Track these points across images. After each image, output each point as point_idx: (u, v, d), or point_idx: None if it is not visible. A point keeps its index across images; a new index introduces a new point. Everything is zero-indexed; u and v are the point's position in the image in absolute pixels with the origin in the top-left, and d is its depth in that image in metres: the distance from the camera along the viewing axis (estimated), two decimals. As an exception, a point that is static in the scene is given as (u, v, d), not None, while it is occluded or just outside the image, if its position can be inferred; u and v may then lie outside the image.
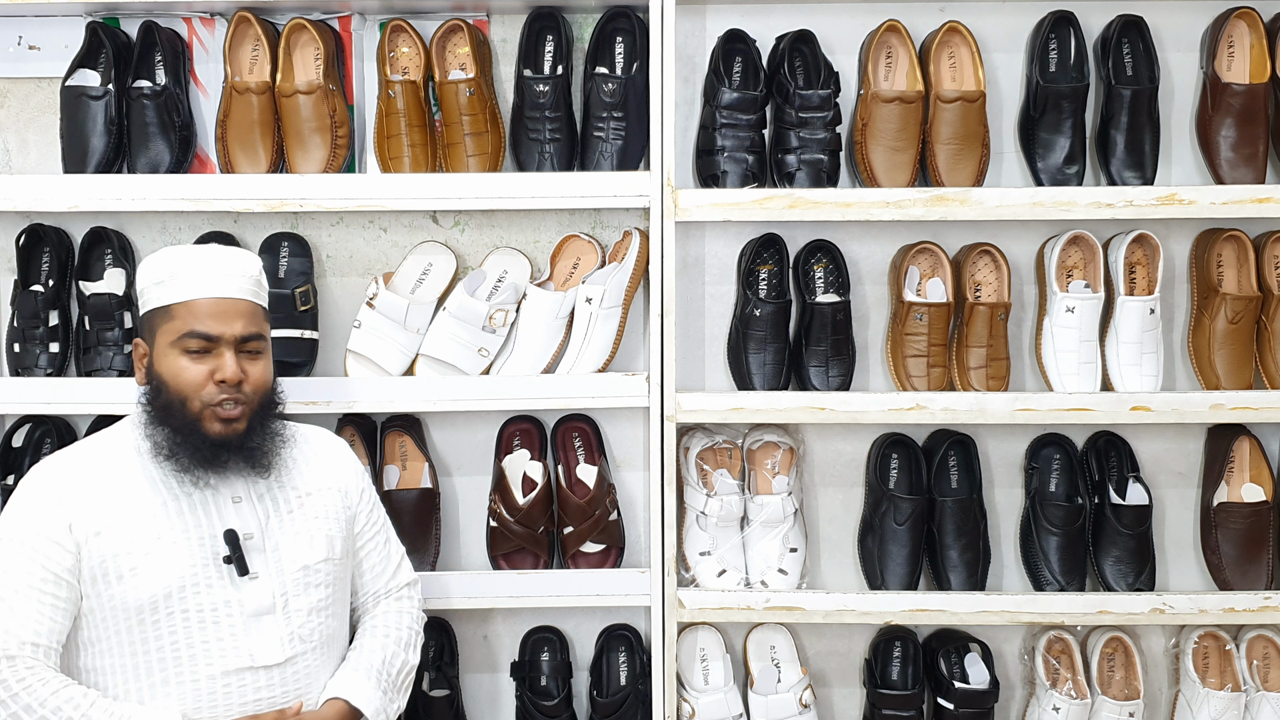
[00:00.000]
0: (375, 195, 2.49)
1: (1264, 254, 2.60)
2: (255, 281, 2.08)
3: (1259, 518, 2.60)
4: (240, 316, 2.02)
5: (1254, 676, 2.62)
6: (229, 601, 1.99)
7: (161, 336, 2.02)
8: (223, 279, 2.03)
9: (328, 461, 2.18)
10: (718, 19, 2.67)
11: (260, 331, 2.06)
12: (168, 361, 2.01)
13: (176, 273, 2.03)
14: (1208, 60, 2.59)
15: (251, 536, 2.02)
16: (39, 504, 1.98)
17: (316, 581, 2.06)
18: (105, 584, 1.95)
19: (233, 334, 2.01)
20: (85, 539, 1.95)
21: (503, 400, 2.52)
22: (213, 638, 1.97)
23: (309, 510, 2.10)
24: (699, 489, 2.60)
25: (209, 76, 2.66)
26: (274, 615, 2.01)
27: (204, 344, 1.99)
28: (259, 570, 2.01)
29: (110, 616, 1.96)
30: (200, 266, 2.03)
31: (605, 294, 2.54)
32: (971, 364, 2.57)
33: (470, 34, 2.56)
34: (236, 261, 2.07)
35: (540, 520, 2.59)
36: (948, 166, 2.53)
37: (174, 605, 1.96)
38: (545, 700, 2.62)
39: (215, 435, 1.99)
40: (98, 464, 2.04)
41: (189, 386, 1.99)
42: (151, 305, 2.04)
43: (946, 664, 2.64)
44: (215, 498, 2.03)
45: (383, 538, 2.25)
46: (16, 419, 2.65)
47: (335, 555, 2.10)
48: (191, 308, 2.00)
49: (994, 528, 2.70)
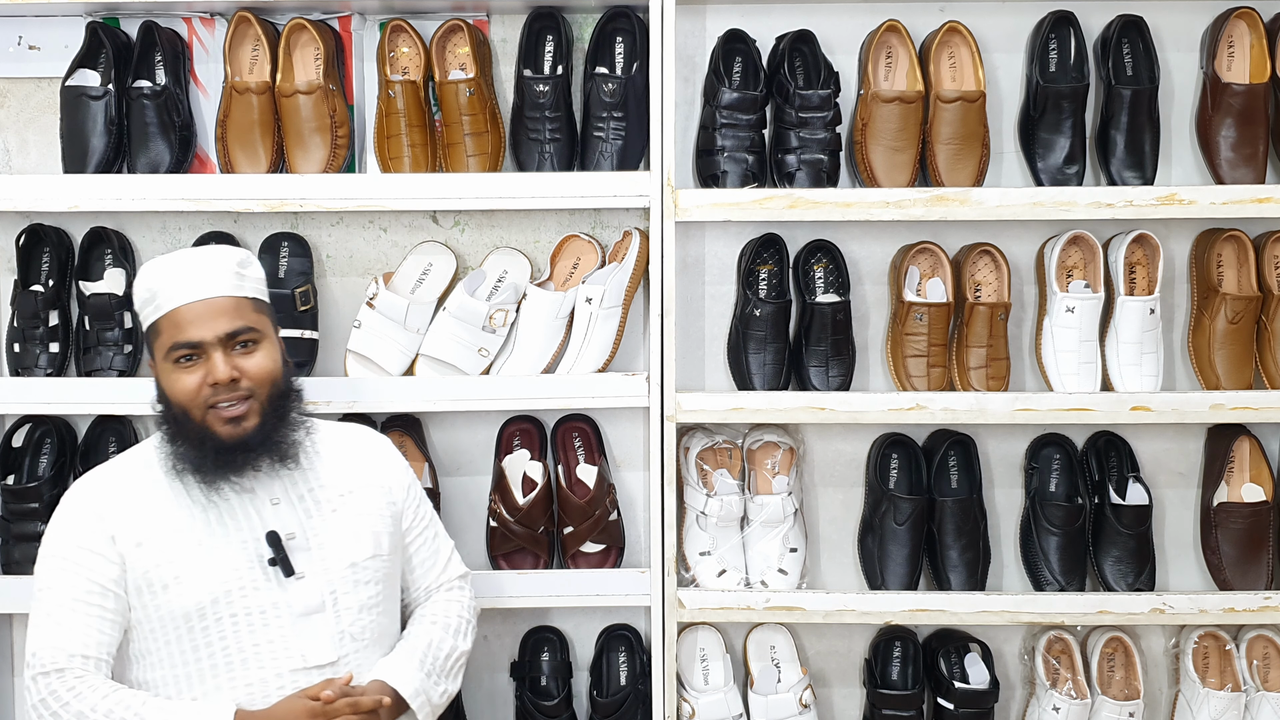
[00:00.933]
0: (375, 195, 2.49)
1: (1264, 254, 2.60)
2: (234, 275, 2.02)
3: (1259, 518, 2.60)
4: (221, 314, 1.98)
5: (1254, 676, 2.62)
6: (277, 603, 1.98)
7: (158, 353, 2.02)
8: (197, 282, 2.00)
9: (369, 459, 2.17)
10: (718, 19, 2.67)
11: (248, 324, 2.00)
12: (166, 376, 2.01)
13: (154, 286, 2.01)
14: (1208, 60, 2.59)
15: (294, 536, 2.01)
16: (79, 519, 1.98)
17: (365, 579, 2.05)
18: (151, 594, 1.95)
19: (215, 334, 1.97)
20: (128, 550, 1.96)
21: (503, 400, 2.52)
22: (263, 640, 1.97)
23: (351, 508, 2.09)
24: (699, 489, 2.60)
25: (209, 76, 2.66)
26: (324, 614, 2.00)
27: (191, 351, 1.97)
28: (305, 570, 2.01)
29: (159, 627, 1.96)
30: (174, 275, 2.01)
31: (605, 294, 2.54)
32: (971, 364, 2.57)
33: (470, 34, 2.56)
34: (210, 260, 2.04)
35: (540, 520, 2.59)
36: (948, 166, 2.53)
37: (221, 610, 1.95)
38: (545, 700, 2.62)
39: (227, 438, 1.97)
40: (133, 478, 2.04)
41: (185, 396, 1.98)
42: (145, 324, 2.04)
43: (946, 664, 2.64)
44: (253, 501, 2.02)
45: (431, 532, 2.24)
46: (16, 419, 2.65)
47: (383, 551, 2.09)
48: (173, 319, 1.99)
49: (994, 528, 2.70)
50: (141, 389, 2.49)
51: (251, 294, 2.05)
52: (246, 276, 2.05)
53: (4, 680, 2.72)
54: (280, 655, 1.97)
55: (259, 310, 2.05)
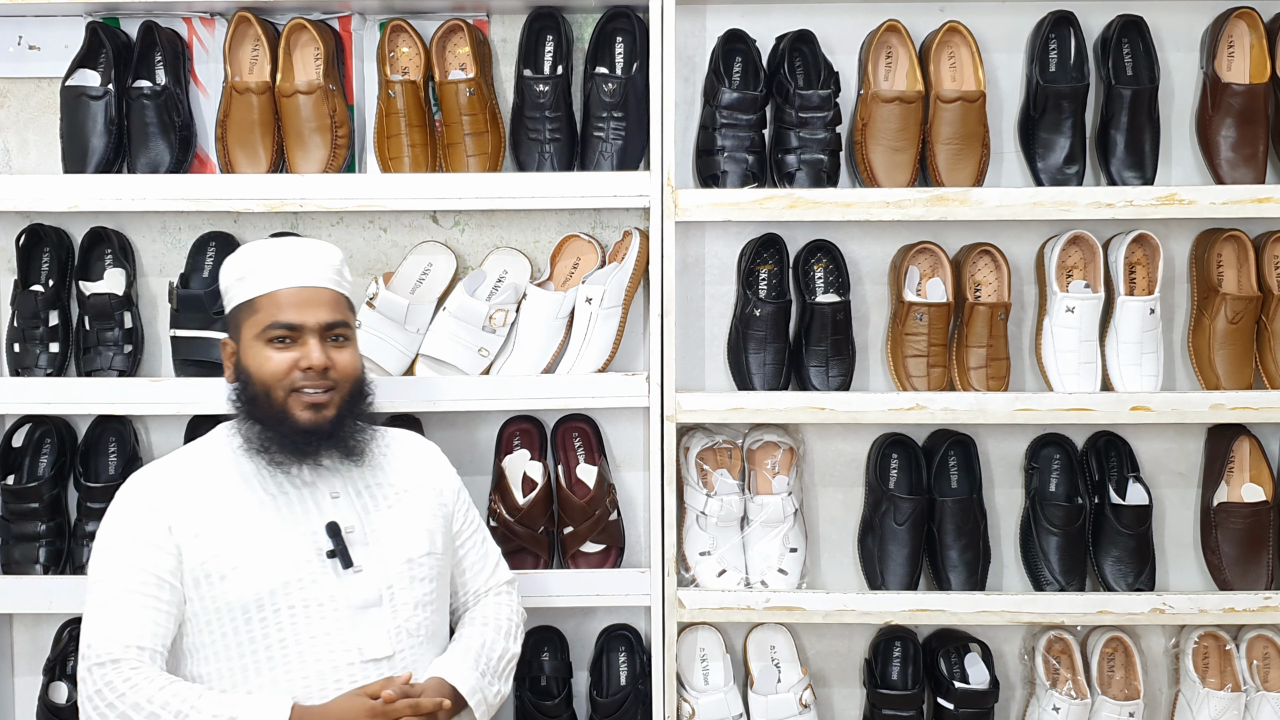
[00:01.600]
0: (375, 195, 2.49)
1: (1264, 254, 2.60)
2: (337, 271, 2.08)
3: (1259, 518, 2.60)
4: (323, 305, 2.03)
5: (1254, 676, 2.62)
6: (334, 596, 1.99)
7: (247, 330, 2.03)
8: (304, 268, 2.03)
9: (421, 462, 2.20)
10: (718, 19, 2.67)
11: (344, 319, 2.05)
12: (253, 354, 2.01)
13: (257, 266, 2.04)
14: (1208, 60, 2.59)
15: (353, 530, 2.03)
16: (136, 511, 1.99)
17: (420, 575, 2.07)
18: (208, 585, 1.95)
19: (316, 322, 2.01)
20: (185, 541, 1.96)
21: (503, 400, 2.52)
22: (320, 632, 1.97)
23: (407, 505, 2.11)
24: (699, 489, 2.60)
25: (209, 76, 2.66)
26: (380, 608, 2.01)
27: (288, 333, 2.00)
28: (363, 563, 2.01)
29: (215, 618, 1.96)
30: (281, 258, 2.04)
31: (605, 294, 2.54)
32: (971, 364, 2.57)
33: (470, 34, 2.56)
34: (317, 251, 2.08)
35: (540, 520, 2.59)
36: (948, 166, 2.53)
37: (279, 602, 1.96)
38: (545, 700, 2.62)
39: (305, 423, 1.99)
40: (192, 469, 2.05)
41: (273, 376, 1.99)
42: (236, 301, 2.05)
43: (946, 664, 2.64)
44: (313, 494, 2.04)
45: (480, 537, 2.26)
46: (16, 419, 2.65)
47: (437, 549, 2.11)
48: (274, 299, 2.01)
49: (994, 528, 2.70)
50: (141, 389, 2.50)
51: (347, 293, 2.11)
52: (344, 276, 2.11)
53: (4, 680, 2.72)
54: (337, 648, 1.97)
55: (351, 310, 2.11)
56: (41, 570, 2.55)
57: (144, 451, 2.68)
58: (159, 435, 2.70)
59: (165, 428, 2.69)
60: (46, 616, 2.65)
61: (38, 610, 2.55)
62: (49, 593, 2.52)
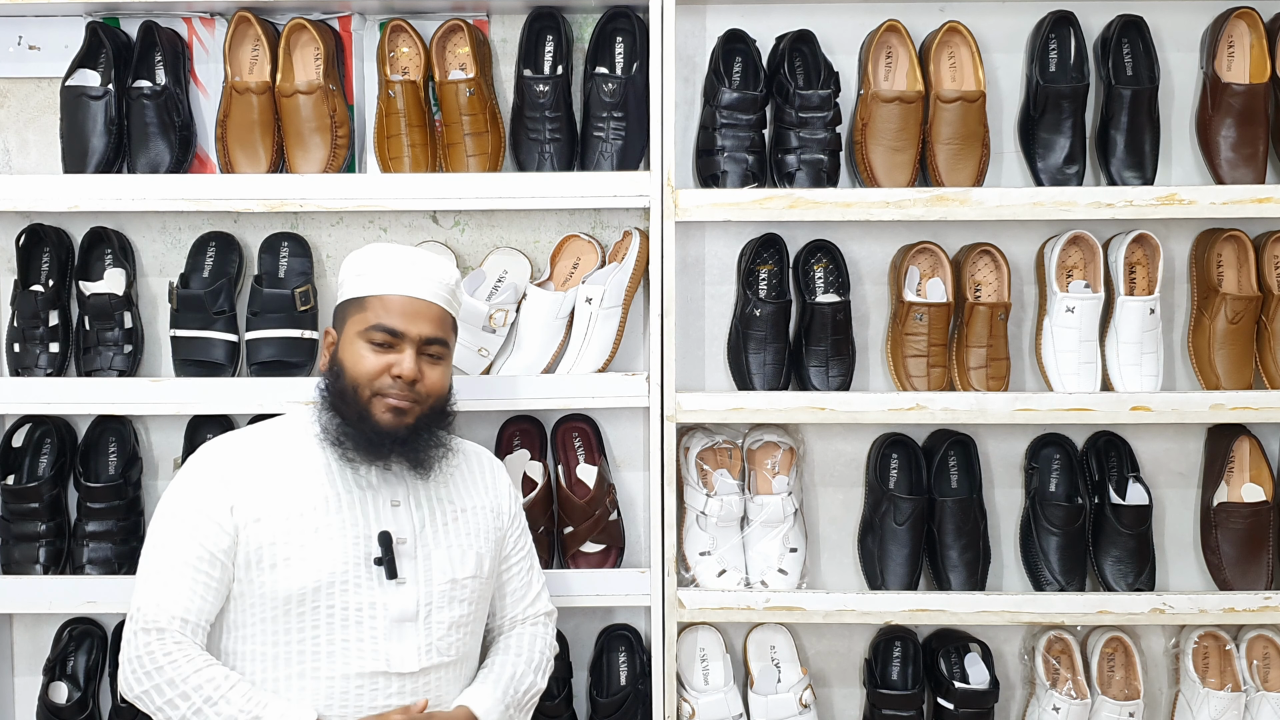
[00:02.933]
0: (375, 195, 2.49)
1: (1264, 254, 2.60)
2: (450, 290, 2.09)
3: (1259, 518, 2.60)
4: (428, 319, 2.04)
5: (1254, 676, 2.62)
6: (374, 604, 2.00)
7: (350, 325, 2.05)
8: (418, 280, 2.05)
9: (487, 480, 2.21)
10: (718, 19, 2.68)
11: (444, 338, 2.07)
12: (351, 349, 2.04)
13: (376, 266, 2.06)
14: (1208, 60, 2.59)
15: (405, 541, 2.04)
16: (204, 483, 2.01)
17: (461, 597, 2.08)
18: (259, 570, 1.97)
19: (418, 333, 2.03)
20: (245, 523, 1.98)
21: (503, 400, 2.52)
22: (353, 638, 1.99)
23: (464, 526, 2.12)
24: (699, 489, 2.60)
25: (209, 76, 2.66)
26: (415, 624, 2.02)
27: (388, 338, 2.02)
28: (407, 576, 2.03)
29: (258, 603, 1.98)
30: (399, 264, 2.06)
31: (605, 294, 2.54)
32: (971, 364, 2.57)
33: (470, 34, 2.56)
34: (435, 266, 2.09)
35: (540, 520, 2.59)
36: (948, 166, 2.53)
37: (320, 600, 1.98)
38: (545, 700, 2.61)
39: (384, 425, 2.01)
40: (265, 449, 2.07)
41: (365, 375, 2.01)
42: (347, 295, 2.08)
43: (946, 664, 2.64)
44: (375, 498, 2.05)
45: (527, 564, 2.26)
46: (16, 419, 2.65)
47: (483, 574, 2.12)
48: (384, 301, 2.03)
49: (994, 528, 2.70)
50: (141, 389, 2.50)
51: (455, 314, 2.12)
52: (456, 299, 2.13)
53: (4, 680, 2.72)
54: (367, 656, 1.99)
55: (454, 331, 2.12)
56: (41, 570, 2.55)
57: (144, 451, 2.68)
58: (159, 435, 2.70)
59: (165, 428, 2.69)
60: (46, 616, 2.65)
61: (38, 610, 2.55)
62: (49, 593, 2.52)
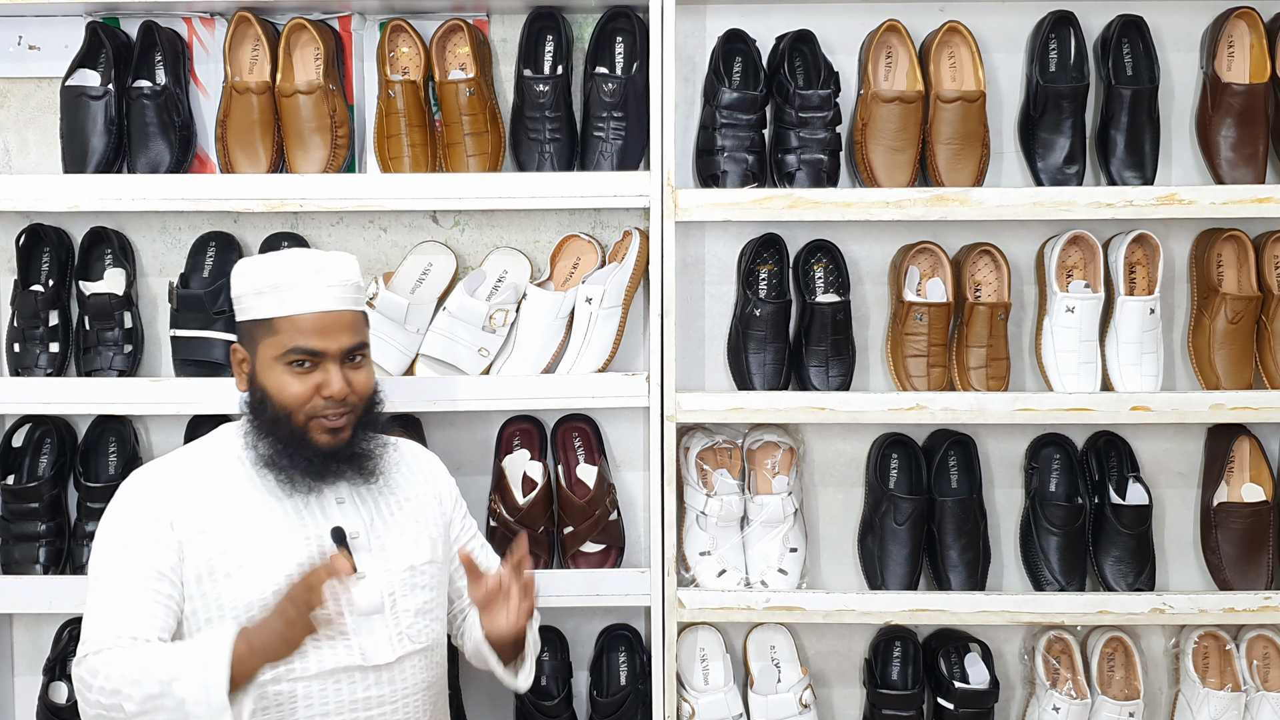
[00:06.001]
0: (375, 195, 2.49)
1: (1264, 254, 2.60)
2: (355, 288, 2.05)
3: (1259, 518, 2.60)
4: (345, 329, 2.00)
5: (1254, 676, 2.62)
6: (337, 601, 1.94)
7: (264, 349, 1.99)
8: (326, 291, 1.99)
9: (422, 470, 2.20)
10: (718, 19, 2.67)
11: (364, 340, 2.03)
12: (272, 376, 1.98)
13: (279, 284, 1.99)
14: (1208, 60, 2.59)
15: (357, 536, 2.02)
16: (138, 505, 1.97)
17: (422, 583, 2.07)
18: (211, 582, 1.94)
19: (338, 348, 1.98)
20: (189, 537, 1.94)
21: (503, 400, 2.52)
22: (323, 635, 1.92)
23: (410, 514, 2.11)
24: (699, 489, 2.60)
25: (209, 76, 2.66)
26: (383, 615, 2.01)
27: (309, 358, 1.97)
28: (366, 569, 2.01)
29: (216, 617, 1.94)
30: (301, 277, 1.99)
31: (605, 294, 2.54)
32: (971, 364, 2.57)
33: (470, 34, 2.56)
34: (338, 270, 2.03)
35: (540, 520, 2.59)
36: (948, 166, 2.53)
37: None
38: (545, 700, 2.61)
39: (324, 446, 1.98)
40: (198, 466, 2.03)
41: (294, 400, 1.97)
42: (253, 316, 2.01)
43: (946, 664, 2.64)
44: (319, 500, 2.02)
45: (478, 543, 2.26)
46: (16, 419, 2.65)
47: (438, 558, 2.12)
48: (296, 323, 1.97)
49: (994, 528, 2.70)
50: (141, 389, 2.50)
51: (364, 310, 2.08)
52: (361, 292, 2.08)
53: (4, 680, 2.72)
54: (340, 652, 1.97)
55: (366, 324, 2.08)
56: (41, 570, 2.55)
57: (144, 451, 2.68)
58: (159, 435, 2.70)
59: (165, 428, 2.69)
60: (46, 616, 2.65)
61: (38, 610, 2.55)
62: (49, 593, 2.52)
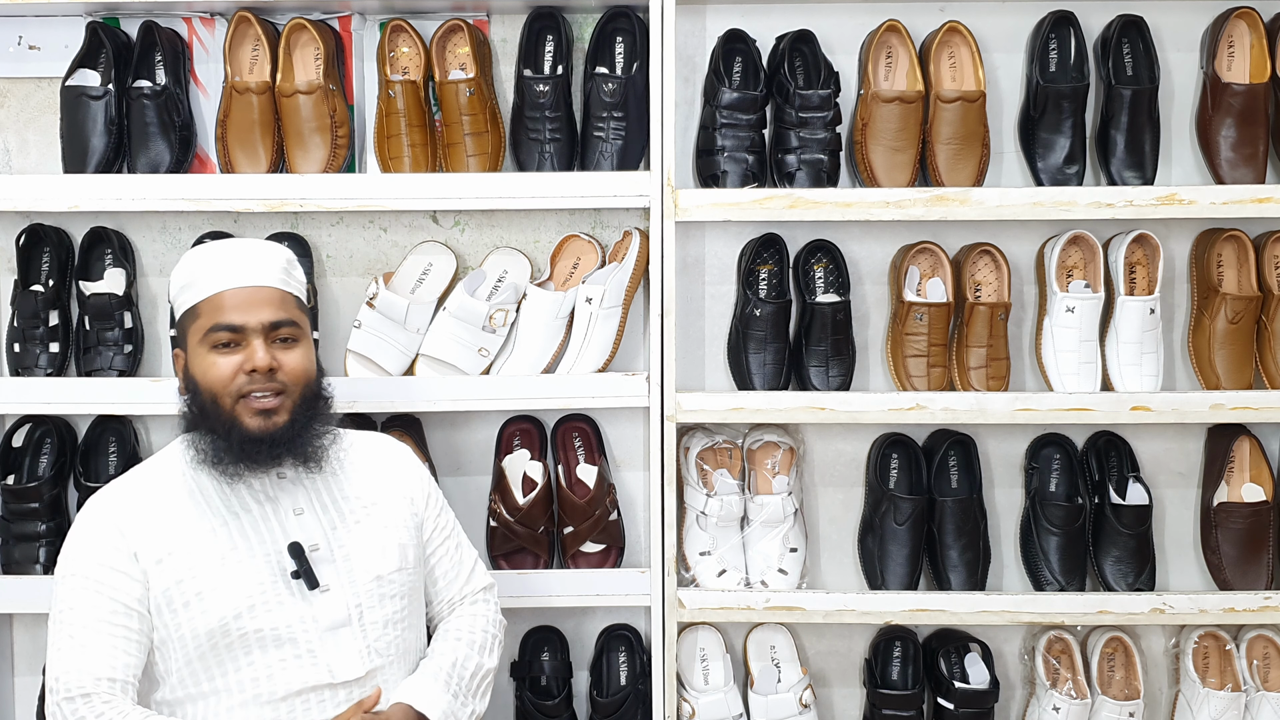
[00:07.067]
0: (375, 195, 2.49)
1: (1264, 254, 2.60)
2: (283, 269, 2.00)
3: (1259, 518, 2.60)
4: (267, 304, 1.94)
5: (1254, 676, 2.62)
6: (303, 618, 1.92)
7: (192, 338, 1.96)
8: (245, 268, 1.96)
9: (391, 468, 2.12)
10: (718, 19, 2.67)
11: (291, 318, 1.96)
12: (199, 361, 1.94)
13: (200, 270, 1.96)
14: (1208, 60, 2.59)
15: (318, 548, 1.96)
16: (100, 536, 1.92)
17: (390, 593, 2.00)
18: (172, 612, 1.90)
19: (259, 321, 1.92)
20: (151, 567, 1.90)
21: (503, 400, 2.52)
22: (289, 655, 1.91)
23: (377, 519, 2.04)
24: (699, 489, 2.60)
25: (209, 76, 2.66)
26: (350, 628, 1.95)
27: (231, 335, 1.92)
28: (330, 582, 1.95)
29: (181, 646, 1.90)
30: (221, 260, 1.97)
31: (605, 294, 2.54)
32: (971, 364, 2.57)
33: (470, 34, 2.56)
34: (261, 250, 2.01)
35: (540, 520, 2.59)
36: (948, 166, 2.53)
37: (245, 625, 1.89)
38: (545, 700, 2.62)
39: (255, 430, 1.91)
40: (151, 490, 1.97)
41: (219, 381, 1.91)
42: (181, 310, 1.99)
43: (946, 664, 2.64)
44: (276, 512, 1.97)
45: (454, 542, 2.18)
46: (16, 419, 2.65)
47: (408, 565, 2.04)
48: (215, 301, 1.93)
49: (994, 528, 2.70)
50: (141, 389, 2.50)
51: (296, 292, 2.02)
52: (293, 275, 2.03)
53: (4, 680, 2.72)
54: (308, 670, 1.91)
55: (301, 309, 2.02)
56: (41, 570, 2.55)
57: (144, 451, 2.68)
58: (159, 435, 2.70)
59: (165, 428, 2.69)
60: (46, 616, 2.64)
61: (38, 610, 2.54)
62: (49, 593, 2.51)
